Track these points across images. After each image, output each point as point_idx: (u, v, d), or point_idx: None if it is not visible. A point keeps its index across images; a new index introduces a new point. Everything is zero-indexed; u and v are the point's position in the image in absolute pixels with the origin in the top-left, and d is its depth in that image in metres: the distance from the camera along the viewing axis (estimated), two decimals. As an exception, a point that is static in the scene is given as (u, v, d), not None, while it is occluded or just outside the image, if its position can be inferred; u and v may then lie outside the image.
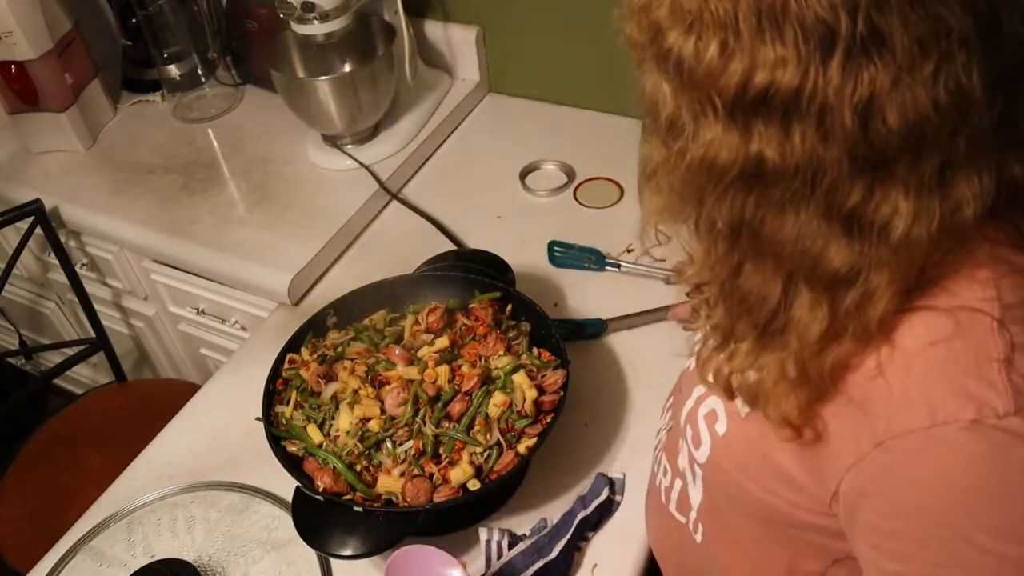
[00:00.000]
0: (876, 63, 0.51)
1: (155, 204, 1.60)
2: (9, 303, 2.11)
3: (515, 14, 1.64)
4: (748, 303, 0.64)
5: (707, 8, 0.54)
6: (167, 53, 1.79)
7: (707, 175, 0.59)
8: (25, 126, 1.73)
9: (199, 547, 1.12)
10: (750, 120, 0.55)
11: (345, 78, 1.53)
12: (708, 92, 0.55)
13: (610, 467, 1.12)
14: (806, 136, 0.54)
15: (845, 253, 0.57)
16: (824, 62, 0.52)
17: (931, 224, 0.56)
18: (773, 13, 0.52)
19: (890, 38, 0.51)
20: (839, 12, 0.50)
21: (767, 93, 0.53)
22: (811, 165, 0.55)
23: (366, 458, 1.03)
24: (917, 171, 0.55)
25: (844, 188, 0.55)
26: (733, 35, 0.53)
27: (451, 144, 1.70)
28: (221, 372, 1.36)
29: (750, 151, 0.56)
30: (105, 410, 1.78)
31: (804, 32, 0.51)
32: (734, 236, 0.61)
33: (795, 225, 0.58)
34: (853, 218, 0.56)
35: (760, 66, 0.53)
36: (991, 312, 0.59)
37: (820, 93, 0.52)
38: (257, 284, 1.46)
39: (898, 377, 0.60)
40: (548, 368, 1.08)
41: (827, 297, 0.60)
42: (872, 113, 0.52)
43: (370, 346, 1.15)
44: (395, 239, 1.52)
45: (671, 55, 0.57)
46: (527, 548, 1.02)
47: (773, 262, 0.61)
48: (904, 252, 0.57)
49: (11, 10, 1.54)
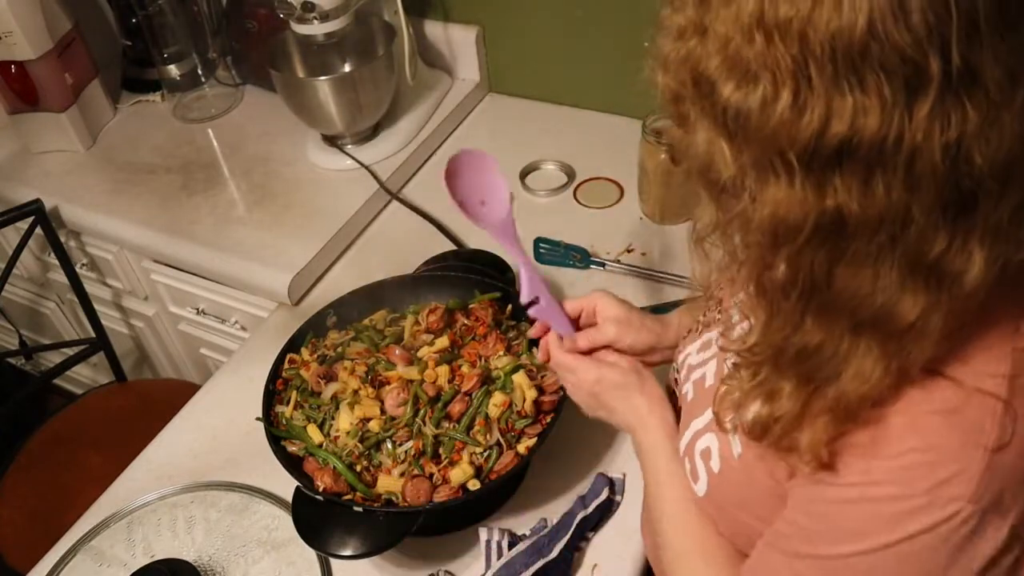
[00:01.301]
0: (967, 102, 0.47)
1: (155, 204, 1.61)
2: (9, 303, 2.11)
3: (515, 14, 1.64)
4: (803, 357, 0.60)
5: (770, 56, 0.49)
6: (167, 53, 1.79)
7: (774, 236, 0.54)
8: (25, 126, 1.73)
9: (199, 547, 1.12)
10: (826, 174, 0.50)
11: (345, 78, 1.53)
12: (779, 147, 0.50)
13: (610, 467, 1.12)
14: (891, 186, 0.49)
15: (921, 304, 0.54)
16: (910, 105, 0.47)
17: (996, 265, 0.53)
18: (850, 56, 0.47)
19: (981, 74, 0.47)
20: (927, 50, 0.46)
21: (848, 144, 0.49)
22: (897, 216, 0.50)
23: (366, 458, 1.03)
24: (998, 212, 0.51)
25: (930, 237, 0.51)
26: (805, 83, 0.48)
27: (451, 144, 1.70)
28: (221, 372, 1.36)
29: (826, 206, 0.51)
30: (105, 410, 1.78)
31: (887, 75, 0.47)
32: (801, 295, 0.56)
33: (873, 280, 0.54)
34: (933, 268, 0.53)
35: (838, 115, 0.48)
36: (998, 393, 0.56)
37: (907, 139, 0.48)
38: (257, 284, 1.46)
39: (893, 432, 0.59)
40: (548, 368, 1.08)
41: (891, 347, 0.57)
42: (962, 155, 0.48)
43: (370, 346, 1.15)
44: (395, 239, 1.52)
45: (729, 109, 0.51)
46: (527, 548, 1.02)
47: (841, 316, 0.56)
48: (971, 297, 0.54)
49: (11, 10, 1.54)
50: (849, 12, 0.46)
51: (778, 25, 0.48)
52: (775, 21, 0.48)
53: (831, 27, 0.47)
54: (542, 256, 1.40)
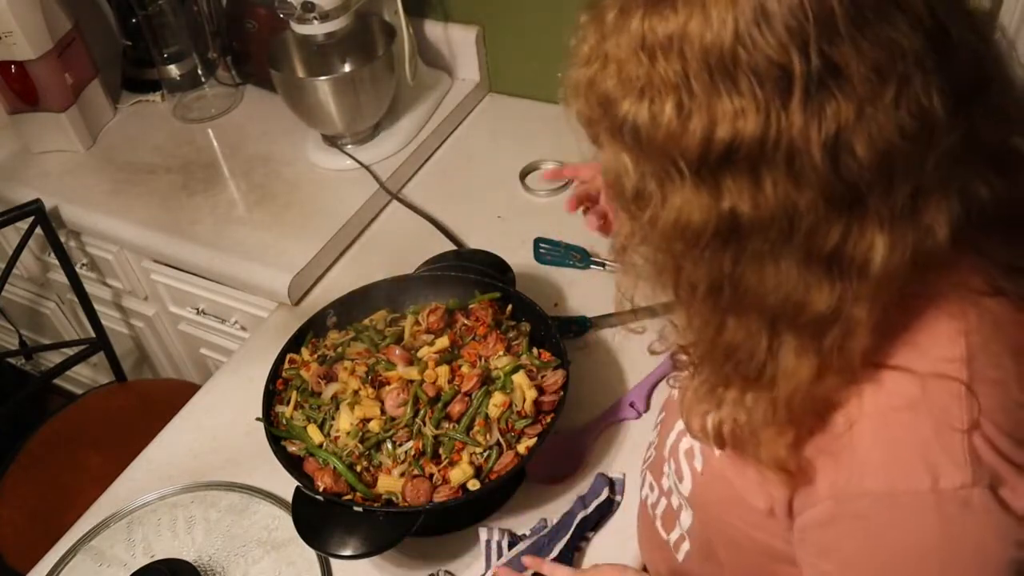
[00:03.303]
0: (837, 97, 0.50)
1: (155, 204, 1.61)
2: (9, 303, 2.11)
3: (515, 14, 1.64)
4: (735, 356, 0.62)
5: (655, 71, 0.53)
6: (167, 53, 1.79)
7: (681, 240, 0.57)
8: (25, 126, 1.73)
9: (199, 547, 1.12)
10: (718, 177, 0.54)
11: (345, 78, 1.53)
12: (671, 156, 0.54)
13: (610, 467, 1.12)
14: (778, 183, 0.53)
15: (827, 294, 0.56)
16: (784, 105, 0.51)
17: (905, 252, 0.55)
18: (723, 64, 0.51)
19: (846, 69, 0.50)
20: (790, 51, 0.49)
21: (732, 146, 0.52)
22: (786, 212, 0.53)
23: (366, 458, 1.03)
24: (890, 201, 0.54)
25: (822, 230, 0.54)
26: (687, 94, 0.52)
27: (451, 144, 1.70)
28: (221, 372, 1.36)
29: (723, 208, 0.54)
30: (105, 410, 1.78)
31: (759, 78, 0.50)
32: (715, 295, 0.59)
33: (776, 275, 0.56)
34: (833, 259, 0.55)
35: (720, 120, 0.52)
36: (959, 376, 0.58)
37: (785, 137, 0.51)
38: (257, 284, 1.46)
39: (863, 438, 0.59)
40: (548, 368, 1.08)
41: (813, 340, 0.59)
42: (841, 149, 0.51)
43: (370, 346, 1.15)
44: (395, 239, 1.52)
45: (626, 125, 0.55)
46: (527, 548, 1.02)
47: (756, 314, 0.59)
48: (883, 284, 0.56)
49: (11, 10, 1.54)
50: (718, 25, 0.51)
51: (659, 44, 0.53)
52: (656, 41, 0.53)
53: (704, 40, 0.51)
54: (542, 256, 1.40)
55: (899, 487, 0.57)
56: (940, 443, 0.57)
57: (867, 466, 0.59)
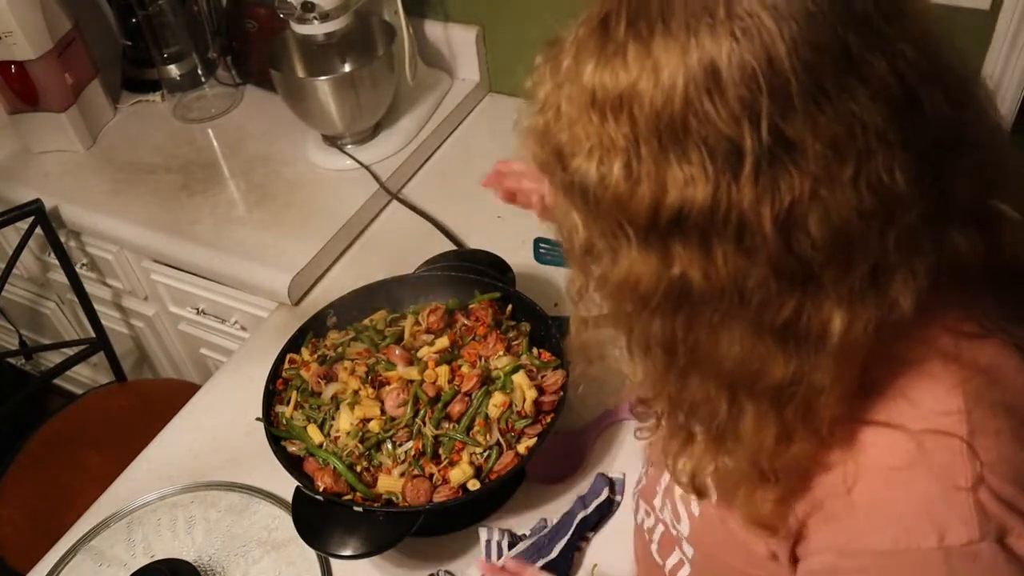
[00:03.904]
0: (791, 173, 0.48)
1: (155, 204, 1.60)
2: (9, 303, 2.11)
3: (515, 14, 1.64)
4: (697, 413, 0.61)
5: (605, 132, 0.50)
6: (167, 53, 1.79)
7: (631, 300, 0.55)
8: (25, 126, 1.73)
9: (199, 547, 1.12)
10: (668, 243, 0.52)
11: (345, 78, 1.53)
12: (619, 218, 0.52)
13: (610, 467, 1.12)
14: (728, 256, 0.51)
15: (783, 365, 0.54)
16: (735, 178, 0.48)
17: (867, 327, 0.53)
18: (673, 131, 0.48)
19: (801, 144, 0.48)
20: (742, 124, 0.47)
21: (681, 214, 0.50)
22: (737, 285, 0.52)
23: (366, 458, 1.03)
24: (847, 279, 0.52)
25: (774, 304, 0.52)
26: (636, 158, 0.50)
27: (451, 144, 1.70)
28: (221, 372, 1.36)
29: (673, 274, 0.52)
30: (105, 410, 1.78)
31: (709, 149, 0.48)
32: (669, 355, 0.58)
33: (730, 343, 0.55)
34: (788, 332, 0.53)
35: (670, 187, 0.49)
36: (958, 431, 0.55)
37: (736, 210, 0.49)
38: (257, 284, 1.46)
39: (863, 498, 0.58)
40: (548, 368, 1.08)
41: (772, 408, 0.57)
42: (793, 225, 0.49)
43: (370, 346, 1.15)
44: (395, 239, 1.52)
45: (576, 182, 0.53)
46: (527, 548, 1.02)
47: (714, 379, 0.57)
48: (845, 356, 0.54)
49: (11, 10, 1.54)
50: (668, 87, 0.48)
51: (609, 103, 0.50)
52: (606, 99, 0.50)
53: (654, 104, 0.48)
54: (542, 256, 1.40)
55: (904, 545, 0.56)
56: (945, 501, 0.55)
57: (870, 526, 0.57)
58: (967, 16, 1.24)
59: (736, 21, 0.47)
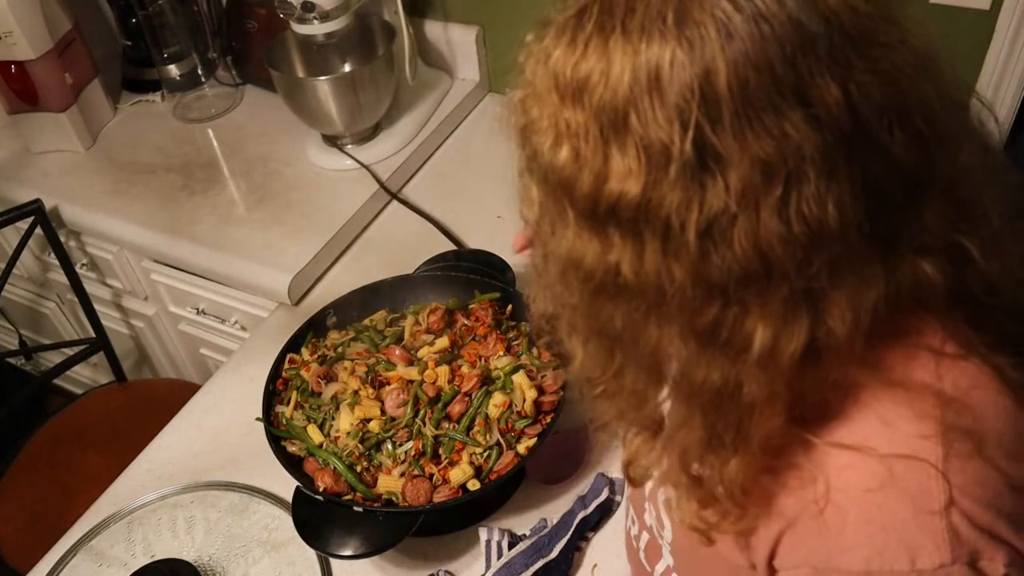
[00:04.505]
0: (717, 184, 0.49)
1: (155, 204, 1.61)
2: (9, 303, 2.11)
3: (515, 14, 1.64)
4: (633, 403, 0.63)
5: (561, 116, 0.53)
6: (167, 53, 1.79)
7: (576, 278, 0.57)
8: (25, 126, 1.73)
9: (199, 547, 1.12)
10: (606, 229, 0.53)
11: (345, 78, 1.53)
12: (564, 197, 0.54)
13: (610, 467, 1.12)
14: (654, 253, 0.52)
15: (705, 369, 0.55)
16: (664, 178, 0.50)
17: (797, 343, 0.53)
18: (615, 126, 0.50)
19: (728, 158, 0.48)
20: (674, 129, 0.49)
21: (619, 204, 0.52)
22: (658, 284, 0.53)
23: (366, 459, 1.03)
24: (770, 299, 0.52)
25: (694, 308, 0.53)
26: (583, 143, 0.52)
27: (451, 144, 1.70)
28: (221, 372, 1.36)
29: (609, 261, 0.54)
30: (105, 410, 1.78)
31: (645, 147, 0.50)
32: (606, 341, 0.59)
33: (657, 338, 0.56)
34: (709, 338, 0.54)
35: (611, 177, 0.51)
36: (929, 458, 0.55)
37: (664, 210, 0.50)
38: (257, 284, 1.46)
39: (836, 519, 0.57)
40: (548, 368, 1.08)
41: (700, 411, 0.58)
42: (717, 237, 0.50)
43: (370, 346, 1.15)
44: (395, 239, 1.52)
45: (536, 155, 0.56)
46: (527, 548, 1.02)
47: (645, 371, 0.59)
48: (773, 372, 0.54)
49: (11, 10, 1.54)
50: (615, 81, 0.50)
51: (568, 88, 0.53)
52: (566, 84, 0.53)
53: (602, 97, 0.51)
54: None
55: (877, 567, 0.56)
56: (918, 524, 0.55)
57: (843, 546, 0.57)
58: (967, 16, 1.24)
59: (685, 31, 0.48)
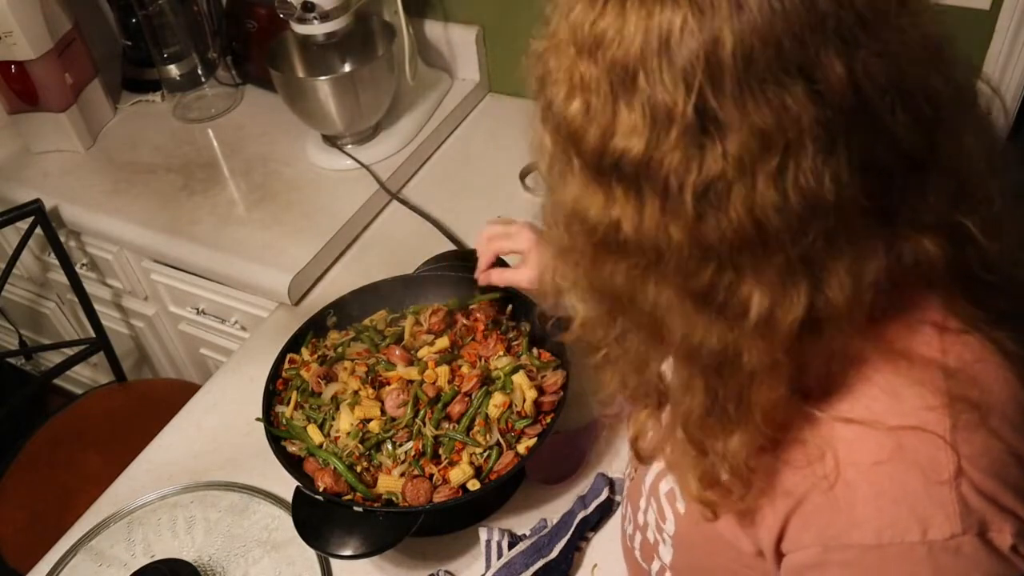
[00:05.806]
0: (717, 149, 0.50)
1: (155, 204, 1.61)
2: (9, 303, 2.11)
3: (515, 14, 1.64)
4: (635, 368, 0.63)
5: (576, 68, 0.54)
6: (167, 53, 1.79)
7: (580, 229, 0.58)
8: (25, 126, 1.73)
9: (199, 547, 1.12)
10: (610, 184, 0.54)
11: (345, 78, 1.53)
12: (572, 148, 0.55)
13: (610, 467, 1.12)
14: (654, 211, 0.53)
15: (704, 329, 0.56)
16: (666, 138, 0.51)
17: (795, 312, 0.54)
18: (625, 83, 0.52)
19: (728, 126, 0.49)
20: (678, 91, 0.50)
21: (623, 159, 0.53)
22: (656, 242, 0.54)
23: (366, 459, 1.03)
24: (766, 266, 0.53)
25: (690, 269, 0.54)
26: (595, 97, 0.53)
27: (451, 144, 1.70)
28: (221, 372, 1.36)
29: (612, 216, 0.55)
30: (105, 410, 1.78)
31: (651, 107, 0.51)
32: (607, 300, 0.60)
33: (656, 296, 0.57)
34: (705, 301, 0.55)
35: (617, 131, 0.52)
36: (937, 429, 0.56)
37: (664, 169, 0.51)
38: (257, 284, 1.46)
39: (846, 493, 0.58)
40: (548, 368, 1.08)
41: (699, 374, 0.59)
42: (714, 200, 0.51)
43: (370, 347, 1.15)
44: (395, 239, 1.52)
45: (550, 107, 0.57)
46: (527, 548, 1.02)
47: (646, 332, 0.60)
48: (773, 340, 0.55)
49: (11, 10, 1.54)
50: (628, 40, 0.51)
51: (584, 42, 0.53)
52: (583, 38, 0.53)
53: (616, 54, 0.52)
54: (542, 256, 1.40)
55: (888, 539, 0.56)
56: (928, 495, 0.56)
57: (853, 520, 0.58)
58: (967, 16, 1.24)
59: None
